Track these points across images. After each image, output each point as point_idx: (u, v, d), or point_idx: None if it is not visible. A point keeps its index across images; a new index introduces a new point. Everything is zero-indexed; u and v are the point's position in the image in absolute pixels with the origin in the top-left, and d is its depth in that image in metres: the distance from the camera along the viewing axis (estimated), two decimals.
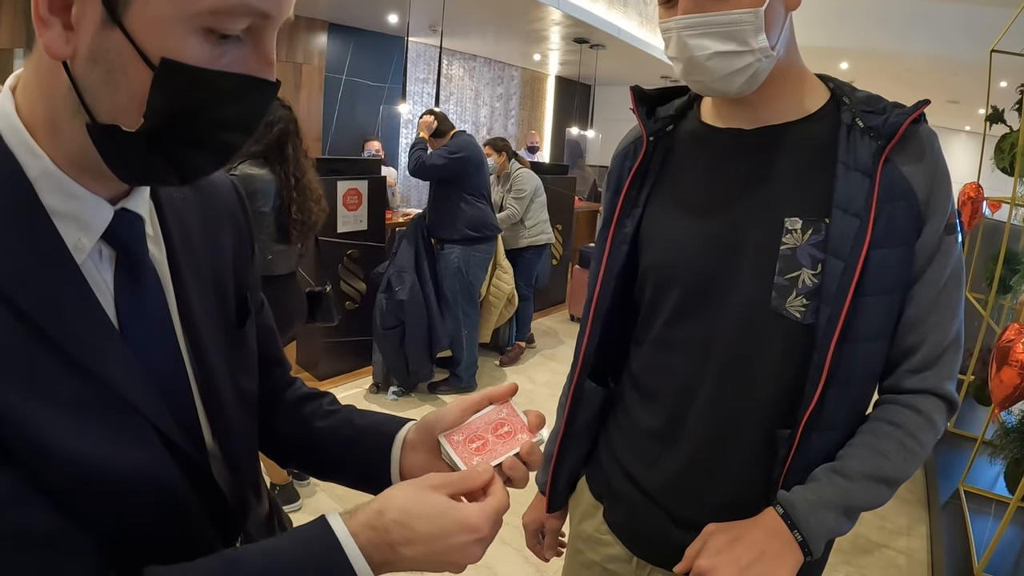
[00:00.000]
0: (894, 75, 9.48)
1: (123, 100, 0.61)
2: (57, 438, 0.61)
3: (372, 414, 1.00)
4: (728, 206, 1.13)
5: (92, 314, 0.67)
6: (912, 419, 1.06)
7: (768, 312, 1.08)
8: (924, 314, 1.05)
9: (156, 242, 0.78)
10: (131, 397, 0.68)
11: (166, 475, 0.72)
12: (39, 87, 0.64)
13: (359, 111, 8.83)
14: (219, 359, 0.83)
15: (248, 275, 0.95)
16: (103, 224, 0.69)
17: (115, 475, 0.66)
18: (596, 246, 1.30)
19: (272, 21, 0.64)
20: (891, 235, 1.02)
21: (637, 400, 1.27)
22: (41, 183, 0.65)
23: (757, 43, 1.00)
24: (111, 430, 0.66)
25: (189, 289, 0.80)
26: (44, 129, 0.65)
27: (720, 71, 1.03)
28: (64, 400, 0.63)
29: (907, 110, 1.04)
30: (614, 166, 1.31)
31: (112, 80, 0.60)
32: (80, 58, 0.60)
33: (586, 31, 7.95)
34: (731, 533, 1.04)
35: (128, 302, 0.72)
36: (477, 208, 4.80)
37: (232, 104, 0.64)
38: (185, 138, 0.64)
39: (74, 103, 0.62)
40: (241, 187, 0.99)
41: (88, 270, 0.68)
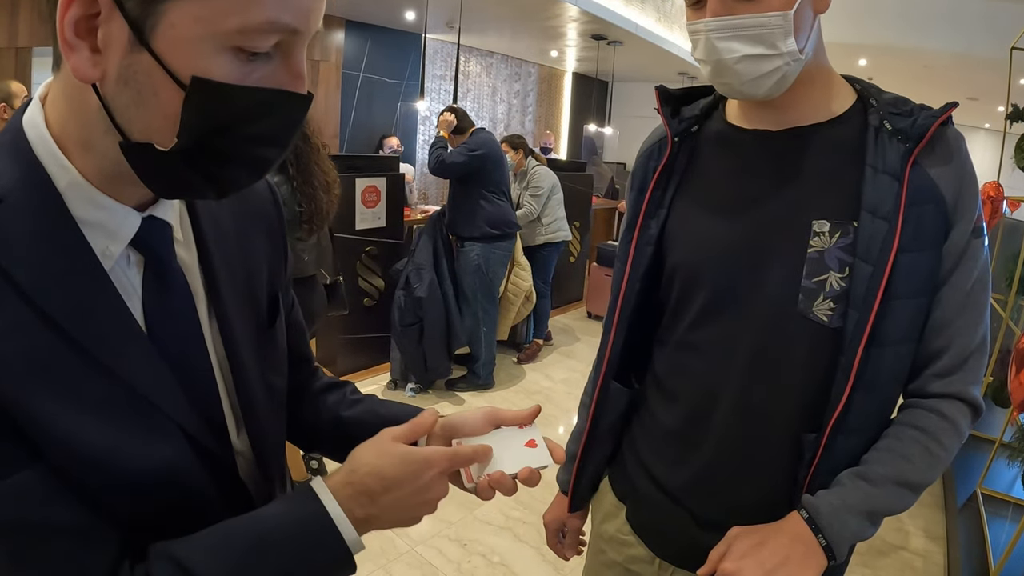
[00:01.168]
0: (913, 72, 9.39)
1: (156, 120, 0.61)
2: (82, 437, 0.64)
3: (394, 404, 1.03)
4: (755, 208, 1.13)
5: (119, 318, 0.69)
6: (937, 423, 1.06)
7: (795, 315, 1.08)
8: (951, 318, 1.05)
9: (186, 246, 0.80)
10: (155, 397, 0.70)
11: (189, 472, 0.74)
12: (68, 106, 0.65)
13: (376, 108, 8.83)
14: (251, 358, 0.85)
15: (281, 274, 0.97)
16: (131, 232, 0.71)
17: (138, 472, 0.68)
18: (620, 247, 1.31)
19: (301, 37, 0.64)
20: (919, 239, 1.02)
21: (661, 401, 1.27)
22: (69, 194, 0.66)
23: (786, 47, 1.00)
24: (135, 429, 0.69)
25: (223, 290, 0.82)
26: (75, 146, 0.66)
27: (749, 74, 1.03)
28: (90, 401, 0.65)
29: (935, 112, 1.04)
30: (638, 166, 1.31)
31: (143, 101, 0.61)
32: (109, 80, 0.60)
33: (603, 27, 7.93)
34: (756, 536, 1.04)
35: (156, 306, 0.74)
36: (497, 205, 4.80)
37: (265, 119, 0.64)
38: (220, 155, 0.64)
39: (105, 123, 0.62)
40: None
41: (116, 275, 0.70)
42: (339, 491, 0.75)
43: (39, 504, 0.62)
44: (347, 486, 0.76)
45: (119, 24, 0.58)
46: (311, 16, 0.64)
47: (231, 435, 0.83)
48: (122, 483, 0.68)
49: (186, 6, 0.57)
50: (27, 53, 5.49)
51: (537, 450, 0.89)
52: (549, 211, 5.71)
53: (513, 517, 3.39)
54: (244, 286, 0.86)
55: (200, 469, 0.76)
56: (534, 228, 5.67)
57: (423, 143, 9.64)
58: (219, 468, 0.79)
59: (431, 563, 3.06)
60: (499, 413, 0.92)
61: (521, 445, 0.89)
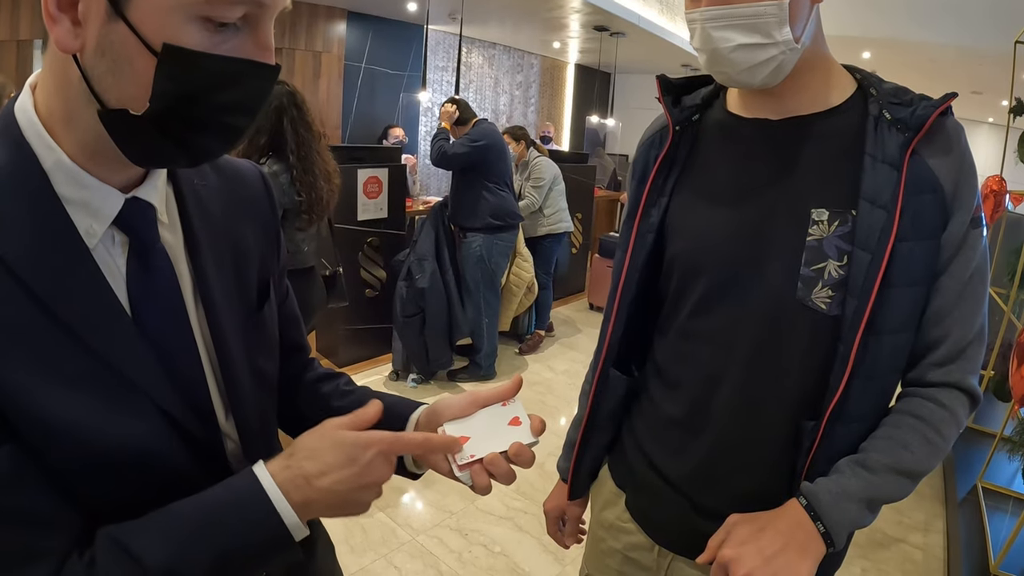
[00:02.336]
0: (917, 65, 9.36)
1: (130, 87, 0.65)
2: (59, 413, 0.66)
3: (386, 396, 1.03)
4: (755, 196, 1.13)
5: (101, 296, 0.71)
6: (935, 412, 1.07)
7: (794, 303, 1.08)
8: (949, 307, 1.06)
9: (171, 229, 0.82)
10: (135, 377, 0.72)
11: (167, 452, 0.76)
12: (54, 82, 0.69)
13: (379, 99, 8.83)
14: (237, 340, 0.86)
15: (272, 261, 0.98)
16: (113, 211, 0.73)
17: (115, 451, 0.70)
18: (621, 235, 1.31)
19: (267, 9, 0.68)
20: (917, 228, 1.02)
21: (661, 389, 1.28)
22: (55, 173, 0.69)
23: (781, 36, 1.00)
24: (114, 408, 0.70)
25: (208, 272, 0.83)
26: (59, 122, 0.69)
27: (744, 63, 1.03)
28: (69, 377, 0.67)
29: (935, 102, 1.04)
30: (639, 155, 1.31)
31: (118, 69, 0.64)
32: (88, 50, 0.64)
33: (606, 19, 7.91)
34: (755, 524, 1.04)
35: (139, 286, 0.76)
36: (499, 196, 4.80)
37: (233, 88, 0.68)
38: (190, 121, 0.67)
39: (85, 93, 0.66)
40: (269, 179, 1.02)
41: (100, 255, 0.72)
42: (278, 473, 0.75)
43: (4, 484, 0.64)
44: (285, 469, 0.76)
45: None
46: None
47: (219, 418, 0.84)
48: (98, 462, 0.69)
49: None
50: (28, 46, 5.49)
51: (521, 428, 0.89)
52: (551, 202, 5.70)
53: (514, 507, 3.40)
54: (232, 270, 0.88)
55: (182, 451, 0.77)
56: (536, 219, 5.67)
57: (425, 134, 9.63)
58: (203, 451, 0.80)
59: (432, 552, 3.07)
60: (480, 393, 0.93)
61: (505, 424, 0.90)
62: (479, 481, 0.86)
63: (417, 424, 0.96)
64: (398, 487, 3.52)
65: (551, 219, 5.71)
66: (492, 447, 0.86)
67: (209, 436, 0.82)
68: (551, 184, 5.68)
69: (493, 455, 0.86)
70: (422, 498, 3.49)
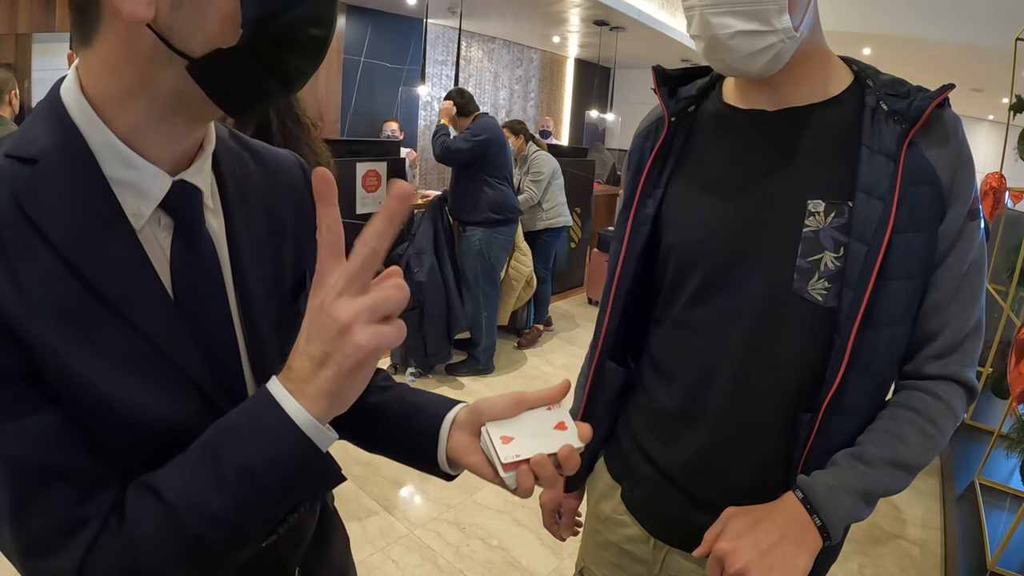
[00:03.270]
0: (917, 61, 9.35)
1: (215, 26, 0.66)
2: (102, 385, 0.67)
3: (423, 393, 1.01)
4: (751, 187, 1.13)
5: (144, 276, 0.72)
6: (932, 405, 1.06)
7: (790, 295, 1.08)
8: (946, 300, 1.05)
9: (216, 214, 0.83)
10: (174, 354, 0.73)
11: (200, 430, 0.74)
12: (110, 64, 0.69)
13: (378, 93, 8.82)
14: (269, 327, 0.86)
15: (309, 251, 0.96)
16: (160, 193, 0.74)
17: (153, 424, 0.71)
18: (616, 226, 1.31)
19: None
20: (914, 219, 1.02)
21: (656, 381, 1.27)
22: (103, 153, 0.70)
23: (780, 23, 0.99)
24: (154, 383, 0.72)
25: (245, 260, 0.84)
26: (112, 101, 0.70)
27: (742, 50, 1.02)
28: (112, 351, 0.69)
29: (931, 94, 1.04)
30: (635, 146, 1.31)
31: (200, 13, 0.65)
32: (163, 12, 0.64)
33: (606, 13, 7.90)
34: (751, 517, 1.04)
35: (182, 268, 0.76)
36: (499, 190, 4.80)
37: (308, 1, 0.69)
38: (281, 41, 0.69)
39: (163, 56, 0.66)
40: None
41: (146, 236, 0.74)
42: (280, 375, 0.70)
43: (52, 447, 0.65)
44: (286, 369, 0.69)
45: None
46: None
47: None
48: (135, 435, 0.70)
49: None
50: (27, 39, 5.49)
51: (568, 432, 0.86)
52: (550, 196, 5.70)
53: (512, 501, 3.39)
54: (269, 259, 0.88)
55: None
56: (535, 213, 5.67)
57: (424, 128, 9.63)
58: None
59: (430, 546, 3.07)
60: (525, 395, 0.89)
61: (551, 427, 0.86)
62: (524, 483, 0.82)
63: (454, 422, 0.92)
64: (396, 480, 3.53)
65: (550, 213, 5.71)
66: (539, 448, 0.83)
67: None
68: (550, 178, 5.67)
69: (541, 456, 0.82)
70: (420, 492, 3.49)
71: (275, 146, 0.97)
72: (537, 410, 0.89)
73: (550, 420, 0.87)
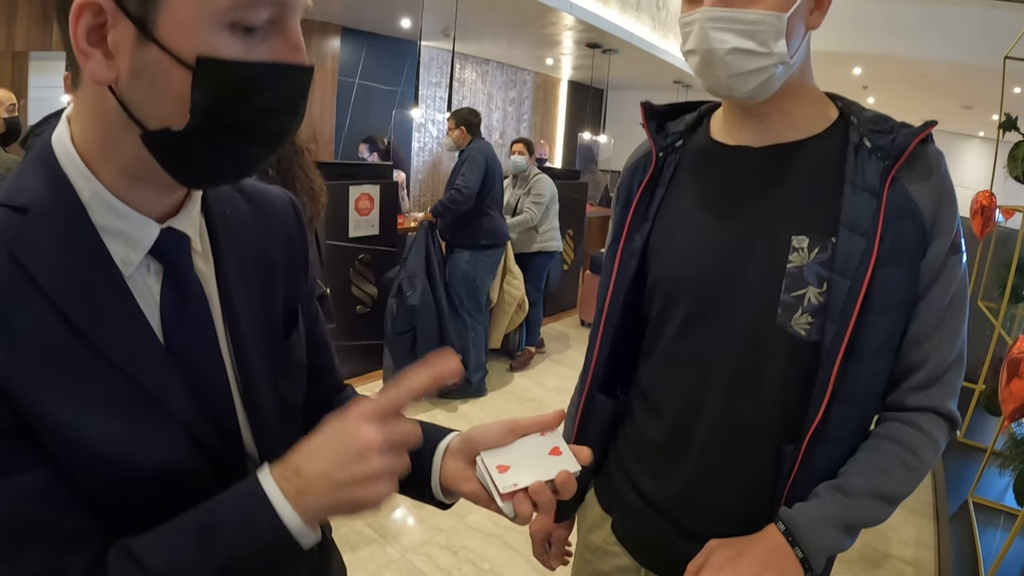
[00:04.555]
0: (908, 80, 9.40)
1: (168, 105, 0.66)
2: (92, 432, 0.68)
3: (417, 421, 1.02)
4: (736, 223, 1.14)
5: (135, 323, 0.73)
6: (914, 436, 1.07)
7: (774, 329, 1.09)
8: (928, 332, 1.06)
9: (204, 257, 0.84)
10: (165, 398, 0.74)
11: (193, 472, 0.77)
12: (89, 115, 0.71)
13: (372, 115, 8.86)
14: (261, 366, 0.87)
15: (300, 287, 0.99)
16: (149, 241, 0.75)
17: (144, 469, 0.72)
18: (605, 260, 1.32)
19: (291, 8, 0.69)
20: (897, 254, 1.03)
21: (645, 413, 1.28)
22: (92, 203, 0.71)
23: (776, 47, 1.01)
24: (144, 429, 0.72)
25: (235, 301, 0.85)
26: (97, 153, 0.71)
27: (736, 68, 1.03)
28: (102, 399, 0.70)
29: (915, 130, 1.05)
30: (623, 180, 1.32)
31: (155, 89, 0.65)
32: (123, 78, 0.65)
33: (598, 36, 7.96)
34: (734, 548, 1.04)
35: (172, 313, 0.77)
36: (489, 217, 4.86)
37: (270, 91, 0.69)
38: (231, 129, 0.68)
39: (124, 120, 0.67)
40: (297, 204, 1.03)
41: (135, 283, 0.75)
42: (273, 470, 0.73)
43: (37, 504, 0.66)
44: (279, 465, 0.73)
45: (125, 25, 0.63)
46: None
47: (245, 441, 0.85)
48: (127, 480, 0.71)
49: None
50: (24, 57, 5.50)
51: (563, 457, 0.86)
52: (546, 220, 5.72)
53: (503, 525, 3.38)
54: (259, 297, 0.89)
55: (208, 471, 0.78)
56: (529, 236, 5.69)
57: (418, 150, 9.68)
58: (228, 472, 0.80)
59: (421, 570, 3.06)
60: (519, 422, 0.89)
61: (546, 453, 0.87)
62: (522, 511, 0.82)
63: (447, 450, 0.93)
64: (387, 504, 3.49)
65: (544, 236, 5.72)
66: (536, 476, 0.83)
67: (234, 457, 0.83)
68: (549, 202, 5.70)
69: (538, 483, 0.82)
70: (411, 515, 3.48)
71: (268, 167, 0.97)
72: (531, 437, 0.89)
73: (544, 446, 0.88)
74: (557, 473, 0.83)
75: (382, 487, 0.72)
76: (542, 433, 0.89)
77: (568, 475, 0.83)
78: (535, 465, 0.85)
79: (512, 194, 5.78)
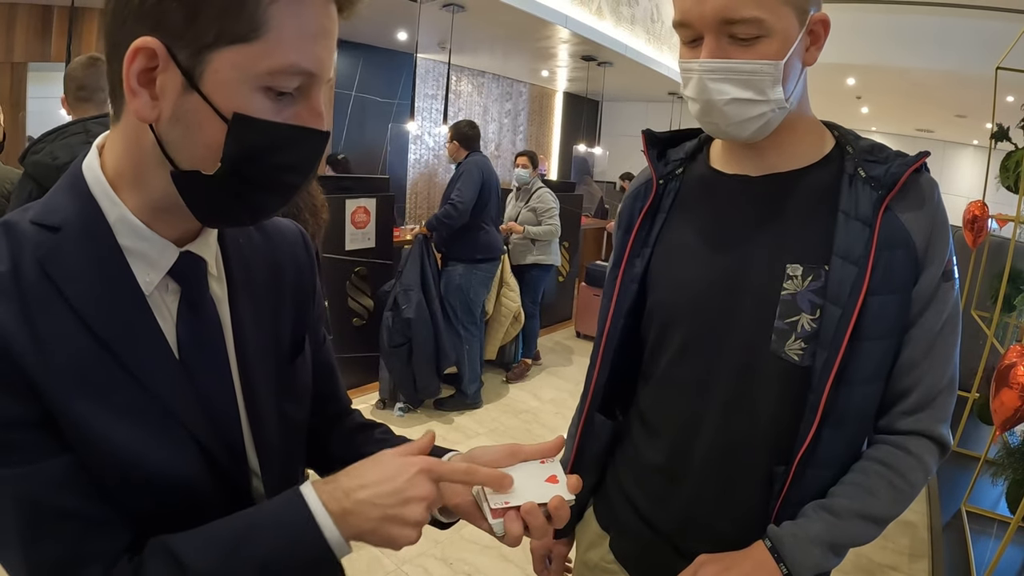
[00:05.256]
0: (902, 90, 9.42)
1: (200, 150, 0.73)
2: (110, 437, 0.73)
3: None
4: (733, 250, 1.16)
5: (153, 337, 0.79)
6: (903, 460, 1.09)
7: (768, 354, 1.11)
8: (919, 358, 1.08)
9: (219, 281, 0.89)
10: (177, 410, 0.79)
11: (200, 483, 0.81)
12: (125, 147, 0.77)
13: (368, 127, 8.86)
14: (266, 386, 0.91)
15: (308, 314, 1.04)
16: (169, 262, 0.81)
17: (155, 476, 0.76)
18: (607, 284, 1.34)
19: (317, 80, 0.76)
20: (889, 282, 1.05)
21: (644, 435, 1.30)
22: (118, 226, 0.77)
23: (773, 94, 1.04)
24: (158, 438, 0.77)
25: (245, 323, 0.90)
26: (127, 182, 0.78)
27: (735, 116, 1.06)
28: (120, 407, 0.75)
29: (908, 160, 1.08)
30: (625, 206, 1.35)
31: (191, 135, 0.72)
32: (164, 119, 0.72)
33: (593, 49, 7.98)
34: (721, 564, 1.07)
35: (187, 331, 0.83)
36: (485, 231, 4.90)
37: (291, 150, 0.76)
38: (253, 180, 0.75)
39: (159, 157, 0.74)
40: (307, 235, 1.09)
41: (155, 301, 0.80)
42: (319, 486, 0.79)
43: (60, 490, 0.71)
44: (326, 483, 0.80)
45: (174, 73, 0.70)
46: (324, 62, 0.76)
47: (249, 457, 0.89)
48: (137, 485, 0.76)
49: (226, 54, 0.69)
50: (23, 68, 5.51)
51: (559, 486, 0.88)
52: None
53: None
54: (268, 322, 0.94)
55: (212, 482, 0.83)
56: (526, 248, 5.71)
57: (414, 162, 9.69)
58: (232, 485, 0.86)
59: None
60: (521, 447, 0.93)
61: (542, 480, 0.89)
62: (512, 529, 0.84)
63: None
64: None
65: (539, 249, 5.75)
66: (529, 498, 0.85)
67: (238, 469, 0.87)
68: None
69: (531, 505, 0.84)
70: None
71: None
72: (530, 463, 0.92)
73: (542, 473, 0.90)
74: (551, 498, 0.85)
75: (415, 535, 0.79)
76: (542, 460, 0.92)
77: (561, 501, 0.86)
78: (530, 489, 0.87)
79: (514, 207, 5.81)
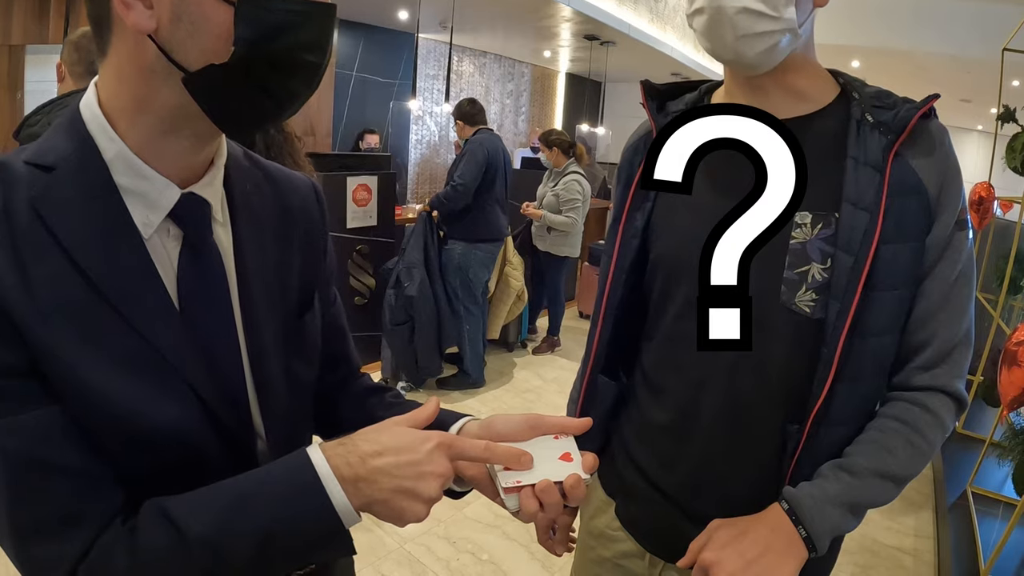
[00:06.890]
0: (907, 73, 9.42)
1: (210, 42, 0.69)
2: (102, 387, 0.70)
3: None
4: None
5: (150, 284, 0.75)
6: (921, 417, 1.06)
7: (777, 306, 1.08)
8: (934, 310, 1.05)
9: (224, 227, 0.85)
10: (176, 361, 0.75)
11: (201, 437, 0.78)
12: (120, 76, 0.73)
13: (369, 107, 8.82)
14: (272, 341, 0.88)
15: (317, 270, 1.00)
16: (169, 203, 0.77)
17: (150, 428, 0.73)
18: (607, 241, 1.31)
19: None
20: (901, 230, 1.02)
21: (649, 395, 1.27)
22: (115, 164, 0.74)
23: (786, 12, 1.00)
24: (154, 388, 0.74)
25: (251, 274, 0.86)
26: (126, 114, 0.74)
27: (745, 29, 1.01)
28: (114, 355, 0.71)
29: (917, 104, 1.04)
30: (624, 160, 1.31)
31: (197, 29, 0.69)
32: (164, 25, 0.69)
33: (596, 28, 7.93)
34: (736, 527, 1.04)
35: (189, 278, 0.79)
36: (487, 211, 4.84)
37: (303, 27, 0.73)
38: (273, 62, 0.72)
39: (164, 69, 0.70)
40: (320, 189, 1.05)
41: (154, 246, 0.77)
42: (329, 449, 0.75)
43: (49, 443, 0.68)
44: (339, 445, 0.76)
45: None
46: None
47: (253, 415, 0.86)
48: (135, 437, 0.72)
49: None
50: (20, 51, 5.47)
51: (573, 464, 0.85)
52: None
53: (502, 515, 3.37)
54: (275, 275, 0.90)
55: (215, 440, 0.79)
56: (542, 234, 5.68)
57: (415, 142, 9.66)
58: (235, 443, 0.82)
59: (420, 561, 3.06)
60: (543, 419, 0.89)
61: (556, 457, 0.86)
62: (528, 506, 0.82)
63: (462, 431, 0.93)
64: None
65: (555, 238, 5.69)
66: (543, 476, 0.82)
67: (242, 428, 0.84)
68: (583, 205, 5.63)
69: (546, 483, 0.81)
70: None
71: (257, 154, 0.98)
72: (545, 438, 0.89)
73: (557, 449, 0.88)
74: (566, 476, 0.83)
75: (424, 512, 0.75)
76: (556, 436, 0.89)
77: (578, 479, 0.83)
78: (543, 466, 0.84)
79: (543, 188, 5.77)
